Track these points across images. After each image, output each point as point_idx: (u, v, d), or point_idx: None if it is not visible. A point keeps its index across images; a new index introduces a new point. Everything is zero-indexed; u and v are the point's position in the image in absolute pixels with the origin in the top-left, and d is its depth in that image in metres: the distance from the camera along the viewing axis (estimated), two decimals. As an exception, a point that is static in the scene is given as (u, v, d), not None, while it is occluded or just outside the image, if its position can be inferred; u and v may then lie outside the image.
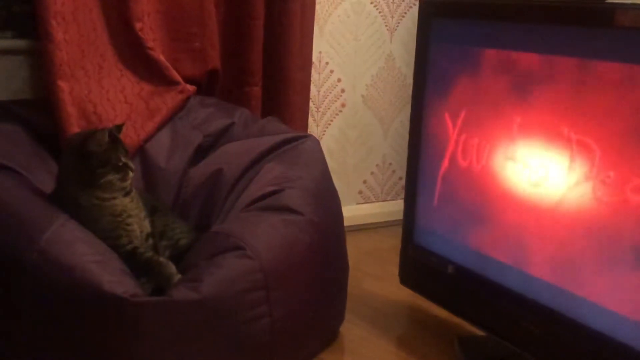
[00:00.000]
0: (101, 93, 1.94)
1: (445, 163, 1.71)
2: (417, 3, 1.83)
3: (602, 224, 1.36)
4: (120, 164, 1.59)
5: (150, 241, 1.65)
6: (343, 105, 2.64)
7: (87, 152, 1.57)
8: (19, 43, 1.99)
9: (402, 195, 2.01)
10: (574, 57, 1.39)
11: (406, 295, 1.97)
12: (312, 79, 2.44)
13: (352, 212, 2.63)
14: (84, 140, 1.57)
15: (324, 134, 2.61)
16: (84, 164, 1.57)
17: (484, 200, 1.62)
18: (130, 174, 1.62)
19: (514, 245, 1.55)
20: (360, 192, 2.76)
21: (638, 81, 1.28)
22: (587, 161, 1.37)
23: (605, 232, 1.35)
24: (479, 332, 1.75)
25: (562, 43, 1.42)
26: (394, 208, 2.68)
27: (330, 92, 2.60)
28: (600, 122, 1.35)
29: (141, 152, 1.97)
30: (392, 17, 2.65)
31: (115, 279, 1.42)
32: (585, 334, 1.40)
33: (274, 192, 1.71)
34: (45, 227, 1.47)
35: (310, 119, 2.49)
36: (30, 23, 1.90)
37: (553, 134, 1.44)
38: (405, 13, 2.67)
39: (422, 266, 1.83)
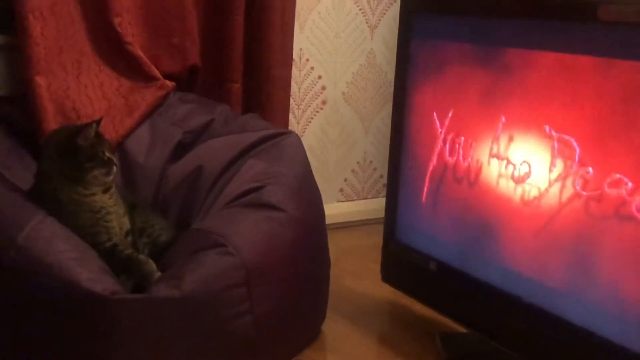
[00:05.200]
0: (79, 89, 1.92)
1: (433, 160, 1.70)
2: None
3: (582, 218, 1.36)
4: (106, 158, 1.59)
5: (130, 238, 1.64)
6: (324, 102, 2.63)
7: (76, 147, 1.55)
8: (-4, 38, 1.97)
9: (384, 193, 2.01)
10: (556, 52, 1.40)
11: (387, 292, 1.97)
12: (292, 75, 2.43)
13: (333, 210, 2.63)
14: (73, 135, 1.56)
15: (304, 132, 2.60)
16: (71, 159, 1.56)
17: (469, 197, 1.62)
18: (114, 168, 1.61)
19: (497, 241, 1.55)
20: (341, 190, 2.75)
21: (616, 76, 1.29)
22: (568, 158, 1.38)
23: (585, 226, 1.36)
24: (461, 329, 1.75)
25: (547, 38, 1.42)
26: (375, 206, 2.67)
27: (310, 89, 2.59)
28: (579, 119, 1.36)
29: (120, 148, 1.95)
30: (373, 14, 2.65)
31: (94, 277, 1.40)
32: (568, 329, 1.40)
33: (255, 189, 1.70)
34: (23, 224, 1.44)
35: (290, 116, 2.48)
36: (7, 18, 1.87)
37: (536, 132, 1.44)
38: (387, 10, 2.67)
39: (403, 263, 1.83)
